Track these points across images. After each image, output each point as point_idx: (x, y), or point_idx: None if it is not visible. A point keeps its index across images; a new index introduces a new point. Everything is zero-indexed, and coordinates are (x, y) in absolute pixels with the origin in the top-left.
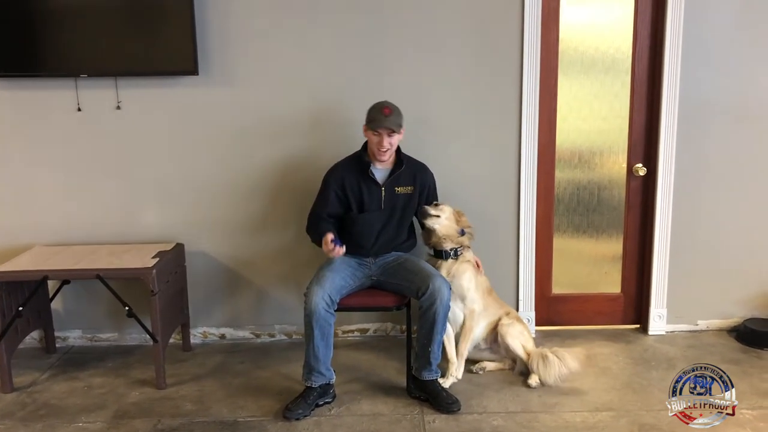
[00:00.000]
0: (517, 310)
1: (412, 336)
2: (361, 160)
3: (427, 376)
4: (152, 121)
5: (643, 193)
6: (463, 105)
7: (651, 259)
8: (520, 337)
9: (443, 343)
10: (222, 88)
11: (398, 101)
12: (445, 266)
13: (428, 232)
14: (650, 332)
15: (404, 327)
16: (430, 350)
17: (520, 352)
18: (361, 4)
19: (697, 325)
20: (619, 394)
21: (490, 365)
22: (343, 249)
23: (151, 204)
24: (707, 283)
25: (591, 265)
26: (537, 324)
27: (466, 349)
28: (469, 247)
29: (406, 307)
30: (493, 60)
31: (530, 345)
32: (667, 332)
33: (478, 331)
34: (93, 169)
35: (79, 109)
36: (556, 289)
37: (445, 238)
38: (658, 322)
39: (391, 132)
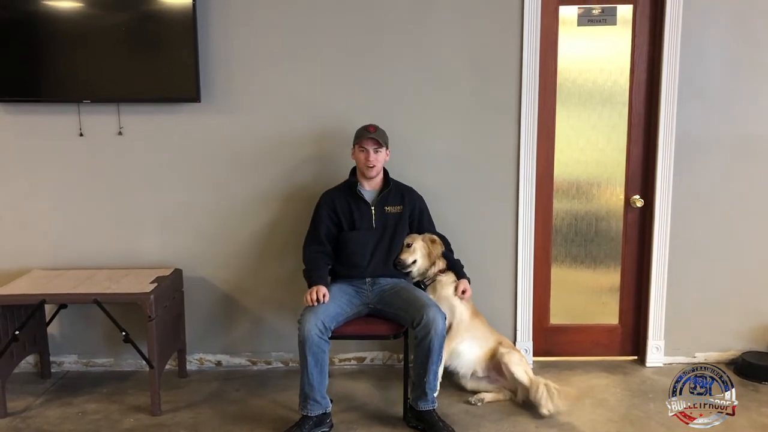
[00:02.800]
0: (515, 340)
1: (409, 365)
2: (350, 183)
3: (423, 406)
4: (153, 147)
5: (640, 225)
6: (461, 135)
7: (648, 291)
8: (522, 364)
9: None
10: (223, 115)
11: (398, 131)
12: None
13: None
14: (648, 364)
15: (402, 356)
16: (426, 380)
17: (525, 380)
18: (363, 36)
19: (694, 357)
20: (617, 426)
21: (488, 396)
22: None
23: (151, 229)
24: (705, 316)
25: (589, 296)
26: (535, 354)
27: (446, 352)
28: (443, 271)
29: (404, 336)
30: (492, 91)
31: (530, 372)
32: (664, 364)
33: (469, 351)
34: (93, 194)
35: (81, 134)
36: (554, 320)
37: (421, 274)
38: (656, 354)
39: (377, 147)
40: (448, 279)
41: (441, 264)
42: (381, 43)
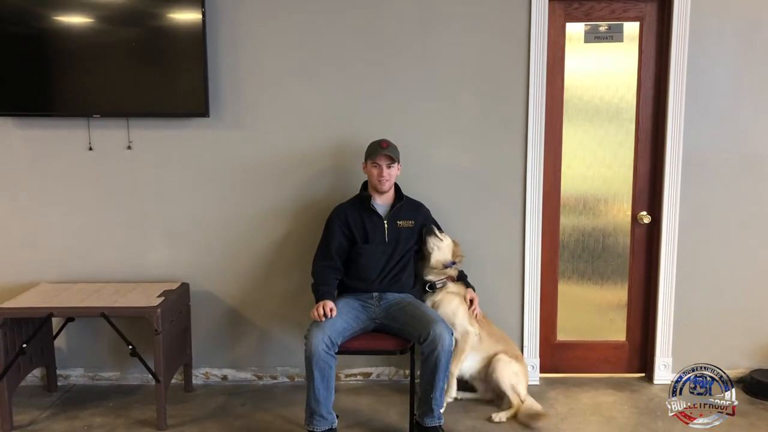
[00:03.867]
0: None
1: (416, 381)
2: (362, 197)
3: (429, 422)
4: (162, 162)
5: (647, 241)
6: (468, 150)
7: (656, 308)
8: (514, 377)
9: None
10: (231, 131)
11: (405, 145)
12: (430, 298)
13: (423, 258)
14: (655, 381)
15: (408, 371)
16: (432, 396)
17: (508, 391)
18: (372, 52)
19: None
20: None
21: (467, 395)
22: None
23: (158, 243)
24: (713, 333)
25: (596, 312)
26: (541, 371)
27: (456, 367)
28: (453, 280)
29: (410, 351)
30: (499, 107)
31: (521, 388)
32: (672, 382)
33: (470, 362)
34: (102, 208)
35: (91, 149)
36: (561, 336)
37: (434, 267)
38: (663, 371)
39: (390, 162)
40: (455, 288)
41: (454, 273)
42: (390, 58)
